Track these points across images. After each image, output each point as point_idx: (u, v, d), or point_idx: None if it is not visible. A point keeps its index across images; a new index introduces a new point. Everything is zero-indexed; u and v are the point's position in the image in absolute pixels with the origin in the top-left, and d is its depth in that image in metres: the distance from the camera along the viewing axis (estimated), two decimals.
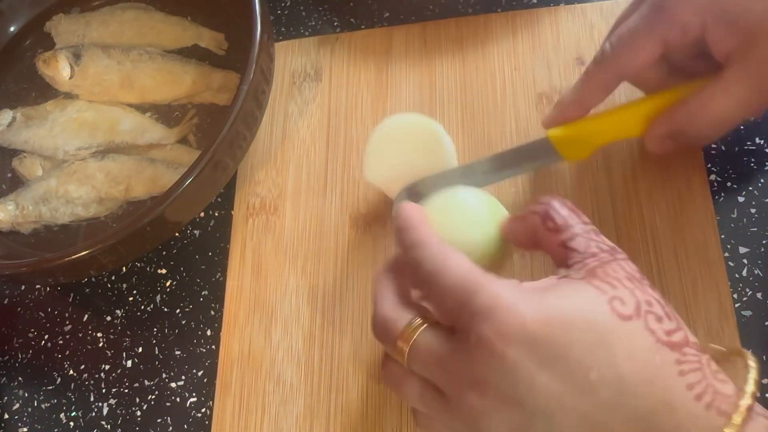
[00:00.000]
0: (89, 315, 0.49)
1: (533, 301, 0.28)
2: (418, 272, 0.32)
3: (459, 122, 0.48)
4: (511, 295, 0.28)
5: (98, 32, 0.57)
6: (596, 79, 0.38)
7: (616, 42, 0.37)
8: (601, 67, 0.38)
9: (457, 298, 0.29)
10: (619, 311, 0.28)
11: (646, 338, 0.28)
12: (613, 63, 0.37)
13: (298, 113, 0.51)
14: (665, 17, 0.35)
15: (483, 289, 0.28)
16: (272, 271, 0.46)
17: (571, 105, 0.39)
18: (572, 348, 0.27)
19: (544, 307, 0.28)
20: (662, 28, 0.36)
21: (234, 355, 0.45)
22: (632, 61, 0.37)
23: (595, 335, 0.27)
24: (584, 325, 0.27)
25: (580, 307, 0.28)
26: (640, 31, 0.36)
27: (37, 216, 0.50)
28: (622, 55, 0.37)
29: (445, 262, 0.31)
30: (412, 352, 0.31)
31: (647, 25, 0.36)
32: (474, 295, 0.28)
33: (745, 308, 0.40)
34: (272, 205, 0.48)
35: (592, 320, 0.28)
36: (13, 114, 0.55)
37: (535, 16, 0.50)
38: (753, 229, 0.41)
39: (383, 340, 0.33)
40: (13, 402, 0.47)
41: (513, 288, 0.29)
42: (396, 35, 0.52)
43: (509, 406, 0.28)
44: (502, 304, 0.28)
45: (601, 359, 0.27)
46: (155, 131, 0.52)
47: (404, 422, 0.41)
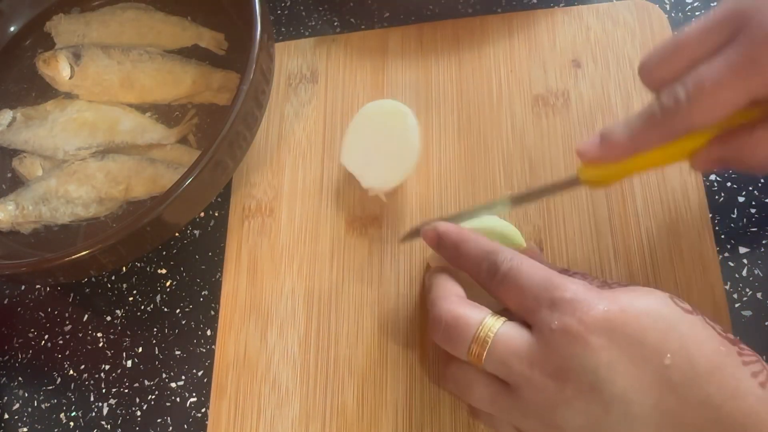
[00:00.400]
0: (89, 315, 0.49)
1: (608, 296, 0.30)
2: (495, 272, 0.33)
3: (455, 124, 0.48)
4: (588, 290, 0.31)
5: (98, 32, 0.57)
6: (663, 129, 0.32)
7: (693, 94, 0.31)
8: (671, 118, 0.31)
9: (538, 292, 0.31)
10: (681, 306, 0.30)
11: (709, 330, 0.30)
12: (687, 117, 0.31)
13: (294, 115, 0.51)
14: (761, 73, 0.29)
15: (563, 285, 0.31)
16: (268, 273, 0.46)
17: (623, 147, 0.33)
18: (647, 333, 0.29)
19: (618, 300, 0.30)
20: (755, 85, 0.30)
21: (229, 357, 0.45)
22: (712, 116, 0.31)
23: (666, 322, 0.29)
24: (655, 314, 0.30)
25: (648, 301, 0.30)
26: (726, 85, 0.30)
27: (37, 216, 0.50)
28: (701, 108, 0.31)
29: (521, 263, 0.33)
30: (492, 351, 0.31)
31: (738, 79, 0.30)
32: (555, 290, 0.31)
33: (745, 308, 0.40)
34: (268, 207, 0.48)
35: (660, 310, 0.30)
36: (13, 114, 0.55)
37: (532, 17, 0.50)
38: (753, 229, 0.41)
39: (450, 341, 0.33)
40: (13, 402, 0.47)
41: (587, 285, 0.31)
42: (392, 36, 0.52)
43: (588, 393, 0.29)
44: (582, 297, 0.30)
45: (674, 344, 0.29)
46: (155, 131, 0.52)
47: (399, 425, 0.41)
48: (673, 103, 0.31)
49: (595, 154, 0.34)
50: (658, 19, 0.47)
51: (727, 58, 0.30)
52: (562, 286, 0.31)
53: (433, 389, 0.41)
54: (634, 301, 0.30)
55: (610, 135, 0.33)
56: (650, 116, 0.32)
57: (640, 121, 0.33)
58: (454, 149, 0.47)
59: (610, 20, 0.48)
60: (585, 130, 0.45)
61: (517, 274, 0.32)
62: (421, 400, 0.41)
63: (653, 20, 0.47)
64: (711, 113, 0.31)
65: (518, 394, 0.31)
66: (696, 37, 0.32)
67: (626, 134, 0.33)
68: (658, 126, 0.32)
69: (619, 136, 0.33)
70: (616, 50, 0.47)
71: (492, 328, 0.32)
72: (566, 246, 0.43)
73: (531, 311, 0.31)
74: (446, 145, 0.47)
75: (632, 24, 0.48)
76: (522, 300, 0.32)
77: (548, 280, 0.31)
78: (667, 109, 0.31)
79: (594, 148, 0.34)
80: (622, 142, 0.33)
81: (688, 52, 0.32)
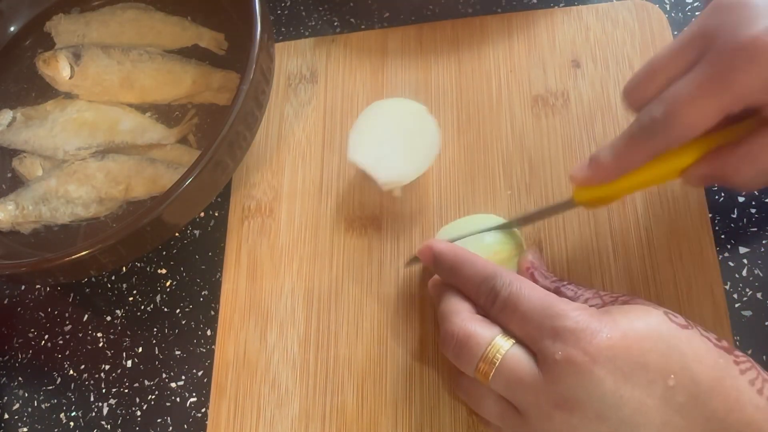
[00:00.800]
0: (89, 315, 0.49)
1: (608, 321, 0.30)
2: (494, 299, 0.34)
3: (454, 124, 0.48)
4: (589, 317, 0.31)
5: (98, 32, 0.57)
6: (644, 147, 0.34)
7: (668, 111, 0.32)
8: (650, 136, 0.33)
9: (540, 321, 0.31)
10: (676, 322, 0.31)
11: (705, 343, 0.30)
12: (665, 134, 0.33)
13: (293, 115, 0.51)
14: (731, 91, 0.31)
15: (563, 313, 0.31)
16: (267, 273, 0.46)
17: (610, 168, 0.35)
18: (649, 357, 0.29)
19: (618, 326, 0.30)
20: (727, 101, 0.31)
21: (229, 357, 0.45)
22: (688, 133, 0.32)
23: (665, 343, 0.30)
24: (654, 336, 0.30)
25: (645, 321, 0.31)
26: (698, 102, 0.31)
27: (37, 216, 0.50)
28: (677, 127, 0.32)
29: (521, 289, 0.33)
30: (499, 371, 0.32)
31: (710, 96, 0.31)
32: (555, 319, 0.31)
33: (745, 308, 0.40)
34: (268, 207, 0.48)
35: (659, 331, 0.30)
36: (13, 114, 0.55)
37: (531, 17, 0.50)
38: (753, 229, 0.41)
39: (460, 358, 0.34)
40: (13, 402, 0.47)
41: (587, 311, 0.31)
42: (392, 37, 0.52)
43: (596, 421, 0.29)
44: (583, 326, 0.30)
45: (675, 364, 0.29)
46: (155, 131, 0.52)
47: (399, 424, 0.41)
48: (650, 122, 0.33)
49: (585, 177, 0.36)
50: (657, 20, 0.47)
51: (697, 76, 0.32)
52: (562, 314, 0.31)
53: (433, 389, 0.41)
54: (633, 324, 0.30)
55: (597, 158, 0.35)
56: (631, 136, 0.34)
57: (623, 142, 0.34)
58: (454, 149, 0.47)
59: (610, 20, 0.48)
60: (584, 130, 0.45)
61: (516, 301, 0.33)
62: (421, 400, 0.41)
63: (653, 20, 0.47)
64: (687, 129, 0.32)
65: (526, 419, 0.32)
66: (668, 57, 0.33)
67: (612, 156, 0.34)
68: (639, 145, 0.34)
69: (605, 159, 0.35)
70: (615, 50, 0.47)
71: (500, 349, 0.32)
72: (566, 246, 0.43)
73: (534, 340, 0.32)
74: (446, 146, 0.47)
75: (632, 24, 0.48)
76: (524, 328, 0.32)
77: (548, 307, 0.32)
78: (646, 128, 0.33)
79: (583, 172, 0.36)
80: (608, 164, 0.35)
81: (662, 72, 0.34)
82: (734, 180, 0.34)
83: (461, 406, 0.40)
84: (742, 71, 0.30)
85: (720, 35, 0.31)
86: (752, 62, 0.30)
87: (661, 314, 0.31)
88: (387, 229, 0.46)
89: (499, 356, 0.32)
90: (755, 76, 0.30)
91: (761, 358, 0.38)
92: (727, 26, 0.31)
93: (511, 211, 0.44)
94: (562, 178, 0.44)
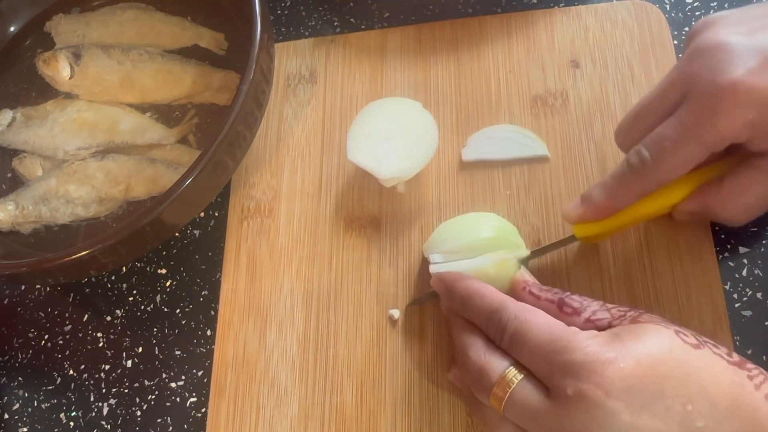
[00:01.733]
0: (89, 315, 0.49)
1: (619, 349, 0.30)
2: (503, 333, 0.33)
3: (454, 124, 0.48)
4: (599, 347, 0.30)
5: (98, 32, 0.57)
6: (634, 186, 0.36)
7: (655, 152, 0.34)
8: (640, 176, 0.35)
9: (548, 354, 0.31)
10: (688, 341, 0.30)
11: (719, 362, 0.30)
12: (653, 173, 0.35)
13: (292, 116, 0.51)
14: (714, 132, 0.33)
15: (572, 346, 0.30)
16: (267, 273, 0.46)
17: (601, 206, 0.37)
18: (665, 383, 0.29)
19: (630, 353, 0.29)
20: (710, 141, 0.33)
21: (228, 358, 0.45)
22: (675, 172, 0.35)
23: (681, 367, 0.29)
24: (669, 360, 0.29)
25: (658, 344, 0.30)
26: (683, 143, 0.34)
27: (37, 216, 0.50)
28: (664, 167, 0.34)
29: (528, 323, 0.32)
30: (509, 403, 0.32)
31: (693, 138, 0.33)
32: (564, 353, 0.30)
33: (745, 308, 0.40)
34: (267, 207, 0.48)
35: (672, 354, 0.30)
36: (13, 114, 0.55)
37: (530, 18, 0.50)
38: (753, 229, 0.41)
39: (476, 386, 0.34)
40: (13, 402, 0.48)
41: (596, 339, 0.30)
42: (391, 37, 0.52)
43: None
44: (594, 358, 0.29)
45: (693, 388, 0.29)
46: (155, 131, 0.52)
47: (398, 425, 0.41)
48: (640, 163, 0.35)
49: (578, 215, 0.38)
50: (656, 20, 0.47)
51: (681, 118, 0.34)
52: (571, 346, 0.30)
53: (432, 389, 0.41)
54: (646, 349, 0.30)
55: (588, 197, 0.37)
56: (621, 176, 0.36)
57: (613, 181, 0.36)
58: (453, 150, 0.47)
59: (609, 21, 0.48)
60: (583, 130, 0.45)
61: (523, 336, 0.32)
62: (420, 401, 0.41)
63: (652, 21, 0.47)
64: (673, 169, 0.35)
65: None
66: (653, 101, 0.36)
67: (603, 195, 0.37)
68: (630, 184, 0.36)
69: (597, 197, 0.37)
70: (614, 51, 0.47)
71: (512, 381, 0.32)
72: (565, 250, 0.42)
73: (544, 375, 0.31)
74: (445, 146, 0.47)
75: (631, 24, 0.48)
76: (533, 362, 0.32)
77: (556, 341, 0.31)
78: (635, 168, 0.35)
79: (576, 210, 0.38)
80: (601, 202, 0.37)
81: (648, 115, 0.36)
82: (721, 214, 0.36)
83: (460, 407, 0.40)
84: (723, 114, 0.32)
85: (700, 79, 0.33)
86: (732, 105, 0.32)
87: (672, 334, 0.30)
88: (386, 229, 0.46)
89: (509, 388, 0.32)
90: (736, 117, 0.32)
91: (761, 358, 0.39)
92: (705, 70, 0.33)
93: (510, 212, 0.44)
94: (561, 177, 0.44)
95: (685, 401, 0.28)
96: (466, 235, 0.39)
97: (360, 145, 0.44)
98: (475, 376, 0.34)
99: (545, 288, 0.36)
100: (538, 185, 0.45)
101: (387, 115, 0.44)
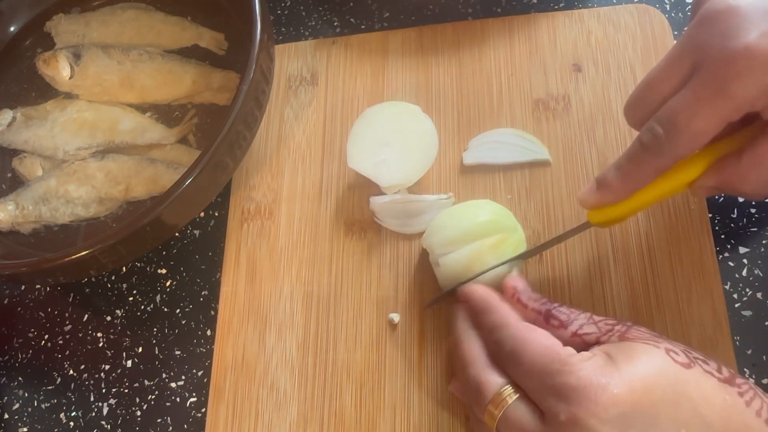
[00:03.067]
0: (89, 315, 0.49)
1: (612, 374, 0.29)
2: (500, 351, 0.33)
3: (455, 127, 0.48)
4: (592, 371, 0.29)
5: (98, 32, 0.57)
6: (649, 165, 0.34)
7: (668, 127, 0.32)
8: (654, 154, 0.33)
9: (543, 378, 0.30)
10: (678, 361, 0.30)
11: (709, 380, 0.30)
12: (668, 150, 0.33)
13: (293, 117, 0.51)
14: (729, 101, 0.31)
15: (566, 369, 0.30)
16: (267, 276, 0.46)
17: (618, 188, 0.35)
18: (659, 407, 0.28)
19: (623, 378, 0.29)
20: (725, 111, 0.31)
21: (228, 361, 0.45)
22: (691, 147, 0.33)
23: (673, 390, 0.29)
24: (662, 383, 0.29)
25: (649, 366, 0.30)
26: (699, 115, 0.32)
27: (37, 216, 0.50)
28: (679, 142, 0.32)
29: (524, 343, 0.32)
30: (502, 422, 0.32)
31: (708, 108, 0.31)
32: (557, 376, 0.30)
33: (745, 308, 0.40)
34: (267, 209, 0.48)
35: (665, 376, 0.29)
36: (13, 114, 0.55)
37: (533, 20, 0.50)
38: (753, 229, 0.41)
39: (473, 401, 0.34)
40: (13, 402, 0.47)
41: (590, 362, 0.30)
42: (392, 39, 0.52)
43: None
44: (587, 383, 0.29)
45: (687, 411, 0.28)
46: (155, 131, 0.52)
47: (397, 429, 0.41)
48: (653, 140, 0.33)
49: (595, 200, 0.36)
50: (659, 24, 0.47)
51: (694, 89, 0.32)
52: (565, 369, 0.30)
53: (431, 394, 0.41)
54: (638, 372, 0.29)
55: (603, 180, 0.35)
56: (635, 155, 0.34)
57: (627, 162, 0.34)
58: (454, 153, 0.47)
59: (611, 24, 0.48)
60: (585, 134, 0.45)
61: (520, 355, 0.32)
62: (419, 405, 0.41)
63: (654, 24, 0.47)
64: (689, 143, 0.32)
65: None
66: (663, 72, 0.33)
67: (618, 177, 0.35)
68: (644, 163, 0.34)
69: (612, 180, 0.35)
70: (617, 54, 0.47)
71: (506, 399, 0.32)
72: (566, 251, 0.42)
73: (538, 397, 0.31)
74: (446, 149, 0.47)
75: (633, 28, 0.48)
76: (528, 382, 0.32)
77: (551, 363, 0.31)
78: (649, 146, 0.33)
79: (592, 195, 0.36)
80: (616, 185, 0.35)
81: (659, 88, 0.34)
82: (742, 189, 0.34)
83: (459, 412, 0.40)
84: (738, 81, 0.30)
85: (711, 46, 0.31)
86: (747, 71, 0.30)
87: (663, 354, 0.30)
88: (386, 232, 0.46)
89: (503, 407, 0.32)
90: (752, 83, 0.30)
91: (761, 358, 0.39)
92: (716, 37, 0.31)
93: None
94: (563, 182, 0.44)
95: (679, 426, 0.28)
96: (463, 221, 0.40)
97: (360, 151, 0.44)
98: (472, 390, 0.34)
99: (534, 297, 0.36)
100: (539, 189, 0.45)
101: (386, 120, 0.44)
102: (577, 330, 0.33)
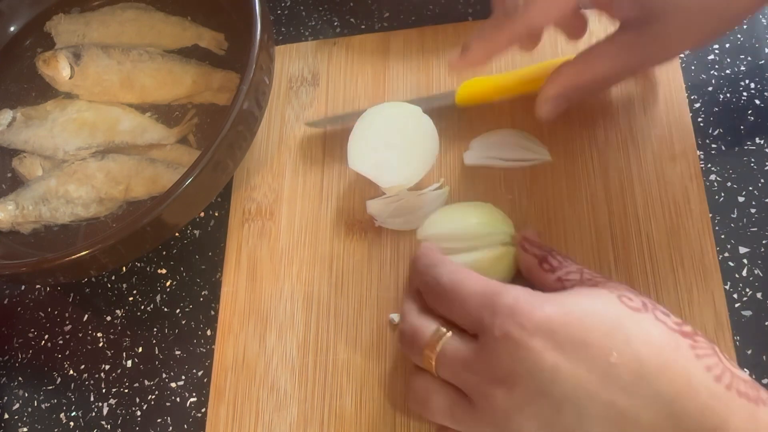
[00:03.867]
0: (89, 315, 0.49)
1: (550, 300, 0.30)
2: (437, 288, 0.34)
3: (456, 128, 0.47)
4: (530, 295, 0.31)
5: (98, 32, 0.57)
6: (508, 29, 0.37)
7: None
8: (512, 19, 0.37)
9: (479, 301, 0.31)
10: (629, 305, 0.30)
11: (659, 326, 0.30)
12: (526, 15, 0.36)
13: (294, 118, 0.51)
14: None
15: (503, 291, 0.31)
16: (267, 276, 0.46)
17: (479, 49, 0.39)
18: (591, 333, 0.29)
19: (561, 304, 0.30)
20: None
21: (228, 361, 0.45)
22: (546, 16, 0.37)
23: (609, 323, 0.29)
24: (600, 314, 0.30)
25: (594, 301, 0.30)
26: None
27: (37, 216, 0.50)
28: (535, 9, 0.36)
29: (462, 275, 0.33)
30: (440, 358, 0.32)
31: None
32: (495, 296, 0.31)
33: (745, 308, 0.40)
34: (268, 210, 0.48)
35: (606, 311, 0.30)
36: (13, 114, 0.55)
37: None
38: (753, 229, 0.41)
39: (411, 350, 0.34)
40: (13, 402, 0.47)
41: (530, 291, 0.31)
42: (393, 40, 0.52)
43: (537, 397, 0.29)
44: (522, 302, 0.30)
45: (619, 342, 0.29)
46: (155, 131, 0.52)
47: (397, 430, 0.40)
48: (513, 7, 0.36)
49: (460, 62, 0.40)
50: None
51: None
52: (503, 291, 0.31)
53: None
54: (578, 303, 0.30)
55: (467, 44, 0.39)
56: (496, 21, 0.38)
57: (489, 27, 0.38)
58: (454, 153, 0.47)
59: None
60: (586, 135, 0.45)
61: (458, 287, 0.33)
62: None
63: None
64: (545, 13, 0.37)
65: (473, 405, 0.31)
66: None
67: (479, 40, 0.38)
68: (503, 28, 0.37)
69: (474, 43, 0.39)
70: None
71: (443, 336, 0.33)
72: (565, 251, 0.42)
73: (474, 322, 0.32)
74: (446, 149, 0.47)
75: None
76: (465, 313, 0.32)
77: (489, 288, 0.32)
78: (508, 12, 0.37)
79: (458, 58, 0.40)
80: (476, 47, 0.39)
81: None
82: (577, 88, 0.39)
83: None
84: None
85: None
86: None
87: (613, 297, 0.31)
88: (387, 233, 0.46)
89: (441, 342, 0.33)
90: None
91: (761, 358, 0.39)
92: None
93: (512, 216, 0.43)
94: (563, 182, 0.44)
95: (609, 353, 0.28)
96: (458, 220, 0.41)
97: (360, 152, 0.44)
98: (409, 338, 0.34)
99: (537, 243, 0.37)
100: (540, 190, 0.44)
101: (387, 121, 0.44)
102: (562, 275, 0.34)
